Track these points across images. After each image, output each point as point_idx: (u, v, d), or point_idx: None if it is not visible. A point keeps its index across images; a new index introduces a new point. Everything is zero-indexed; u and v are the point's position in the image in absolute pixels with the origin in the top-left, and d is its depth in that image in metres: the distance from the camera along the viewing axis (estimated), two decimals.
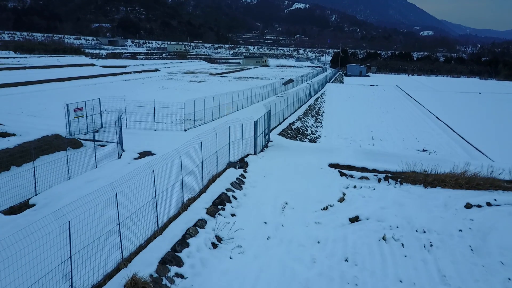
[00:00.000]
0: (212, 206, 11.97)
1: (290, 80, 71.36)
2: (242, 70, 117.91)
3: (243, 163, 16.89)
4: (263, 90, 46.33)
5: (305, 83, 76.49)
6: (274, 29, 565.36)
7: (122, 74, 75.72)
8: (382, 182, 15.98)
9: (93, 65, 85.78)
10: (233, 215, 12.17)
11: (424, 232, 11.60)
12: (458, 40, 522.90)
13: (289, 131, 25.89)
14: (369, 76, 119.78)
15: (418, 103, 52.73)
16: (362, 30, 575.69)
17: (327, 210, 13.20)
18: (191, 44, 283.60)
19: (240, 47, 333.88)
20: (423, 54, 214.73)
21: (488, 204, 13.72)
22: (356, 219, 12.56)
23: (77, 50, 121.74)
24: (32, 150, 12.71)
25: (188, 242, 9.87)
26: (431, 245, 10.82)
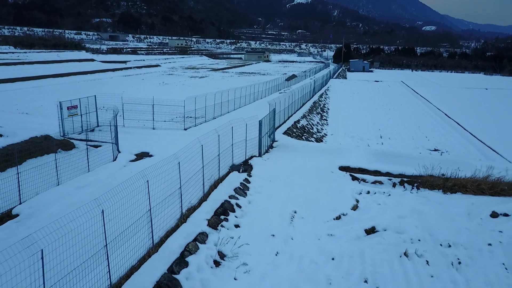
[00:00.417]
0: (214, 217, 10.83)
1: (293, 76, 70.03)
2: (244, 65, 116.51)
3: (247, 166, 15.73)
4: (266, 86, 45.10)
5: (308, 78, 75.22)
6: (275, 24, 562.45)
7: (122, 69, 74.50)
8: (397, 187, 14.81)
9: (92, 60, 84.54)
10: (237, 226, 11.03)
11: (450, 246, 10.45)
12: (461, 35, 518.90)
13: (295, 130, 24.71)
14: (372, 71, 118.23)
15: (425, 99, 51.41)
16: (364, 25, 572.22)
17: (340, 220, 12.04)
18: (193, 39, 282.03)
19: (242, 42, 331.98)
20: (426, 50, 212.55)
21: None
22: (373, 230, 11.41)
23: (78, 45, 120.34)
24: (16, 154, 11.55)
25: (187, 261, 8.73)
26: (459, 263, 9.67)
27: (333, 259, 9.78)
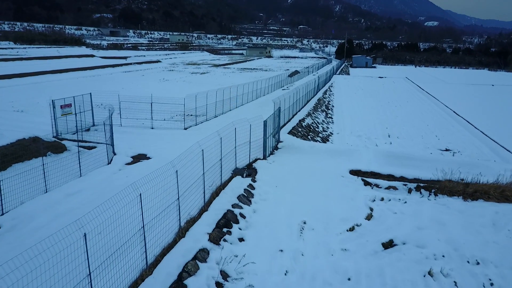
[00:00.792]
0: (216, 230, 9.79)
1: (295, 72, 68.79)
2: (246, 61, 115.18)
3: (251, 170, 14.67)
4: (268, 83, 43.95)
5: (311, 74, 74.03)
6: (277, 19, 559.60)
7: (122, 65, 73.36)
8: (413, 193, 13.74)
9: (92, 56, 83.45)
10: (241, 240, 9.99)
11: (478, 263, 9.40)
12: (464, 30, 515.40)
13: (300, 129, 23.63)
14: (375, 67, 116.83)
15: (432, 96, 50.21)
16: (366, 21, 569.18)
17: (354, 231, 10.99)
18: (194, 34, 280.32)
19: (243, 37, 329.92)
20: (429, 45, 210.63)
21: None
22: (391, 244, 10.36)
23: (78, 41, 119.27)
24: None
25: (186, 284, 7.70)
26: (492, 284, 8.62)
27: (349, 280, 8.74)
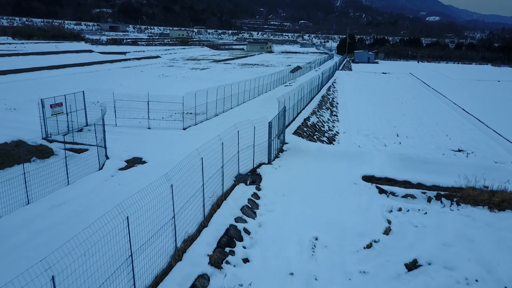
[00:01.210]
0: (217, 250, 8.60)
1: (297, 67, 67.42)
2: (246, 56, 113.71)
3: (255, 176, 13.47)
4: (270, 79, 42.66)
5: (313, 70, 72.70)
6: (278, 14, 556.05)
7: (121, 61, 72.08)
8: (433, 202, 12.52)
9: (91, 51, 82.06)
10: (246, 261, 8.80)
11: None
12: (465, 25, 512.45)
13: (305, 129, 22.40)
14: (377, 63, 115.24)
15: (438, 92, 48.87)
16: (367, 16, 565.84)
17: (372, 249, 9.80)
18: (194, 30, 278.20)
19: (244, 33, 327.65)
20: (431, 40, 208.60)
21: None
22: (414, 264, 9.16)
23: (77, 36, 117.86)
24: None
25: None
26: None
27: None
